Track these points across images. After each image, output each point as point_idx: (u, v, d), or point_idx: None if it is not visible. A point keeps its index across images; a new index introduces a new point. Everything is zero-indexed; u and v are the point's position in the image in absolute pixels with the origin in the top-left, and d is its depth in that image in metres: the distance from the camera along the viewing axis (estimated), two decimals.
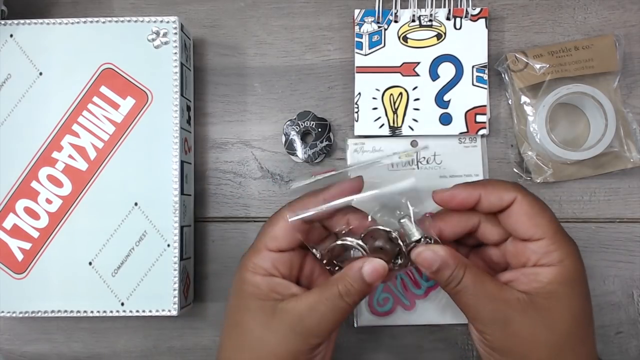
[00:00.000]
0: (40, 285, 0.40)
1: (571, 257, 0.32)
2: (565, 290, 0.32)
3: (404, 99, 0.43)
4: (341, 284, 0.32)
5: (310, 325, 0.31)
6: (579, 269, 0.32)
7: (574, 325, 0.32)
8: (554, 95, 0.41)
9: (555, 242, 0.32)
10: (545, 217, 0.32)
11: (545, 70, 0.41)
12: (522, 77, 0.42)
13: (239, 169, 0.44)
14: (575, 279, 0.32)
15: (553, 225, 0.32)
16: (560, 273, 0.32)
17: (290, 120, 0.43)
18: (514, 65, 0.42)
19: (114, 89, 0.40)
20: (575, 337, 0.32)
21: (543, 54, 0.42)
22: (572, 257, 0.32)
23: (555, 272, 0.32)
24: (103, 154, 0.40)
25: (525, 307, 0.31)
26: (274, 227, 0.34)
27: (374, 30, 0.43)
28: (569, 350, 0.32)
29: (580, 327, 0.32)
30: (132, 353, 0.44)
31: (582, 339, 0.32)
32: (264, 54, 0.45)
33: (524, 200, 0.32)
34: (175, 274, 0.39)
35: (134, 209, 0.40)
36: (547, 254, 0.32)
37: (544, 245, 0.32)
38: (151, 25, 0.41)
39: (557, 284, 0.31)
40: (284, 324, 0.32)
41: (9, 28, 0.41)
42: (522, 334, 0.31)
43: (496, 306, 0.31)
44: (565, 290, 0.32)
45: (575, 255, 0.32)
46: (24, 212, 0.40)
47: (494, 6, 0.44)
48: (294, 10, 0.45)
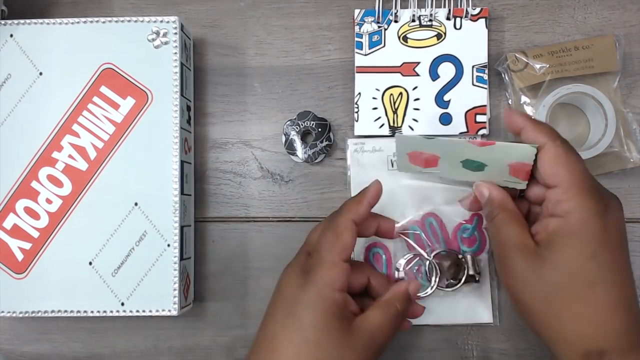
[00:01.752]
0: (40, 285, 0.40)
1: (582, 211, 0.31)
2: (563, 243, 0.32)
3: (404, 99, 0.43)
4: (398, 303, 0.35)
5: (380, 342, 0.34)
6: (589, 225, 0.31)
7: (567, 281, 0.31)
8: (554, 96, 0.41)
9: (568, 193, 0.32)
10: (568, 168, 0.32)
11: (545, 70, 0.41)
12: (522, 77, 0.42)
13: (239, 169, 0.44)
14: (578, 234, 0.31)
15: (573, 177, 0.32)
16: (560, 225, 0.32)
17: (290, 120, 0.43)
18: (514, 65, 0.42)
19: (114, 89, 0.40)
20: (569, 293, 0.31)
21: (543, 54, 0.42)
22: (583, 211, 0.31)
23: (557, 223, 0.32)
24: (103, 154, 0.40)
25: (527, 254, 0.33)
26: (342, 235, 0.34)
27: (374, 30, 0.43)
28: (559, 303, 0.32)
29: (574, 284, 0.31)
30: (132, 353, 0.44)
31: (579, 296, 0.31)
32: (264, 54, 0.45)
33: (551, 147, 0.33)
34: (175, 274, 0.39)
35: (134, 209, 0.40)
36: (557, 204, 0.32)
37: (557, 194, 0.32)
38: (151, 25, 0.41)
39: (555, 235, 0.32)
40: (360, 342, 0.33)
41: (9, 28, 0.41)
42: (517, 277, 0.33)
43: (504, 250, 0.34)
44: (562, 242, 0.32)
45: (590, 211, 0.31)
46: (24, 212, 0.40)
47: (494, 6, 0.44)
48: (294, 10, 0.45)
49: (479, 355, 0.42)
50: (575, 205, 0.32)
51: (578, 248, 0.31)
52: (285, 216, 0.44)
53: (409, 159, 0.39)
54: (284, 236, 0.44)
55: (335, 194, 0.44)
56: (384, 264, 0.42)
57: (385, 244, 0.42)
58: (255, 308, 0.43)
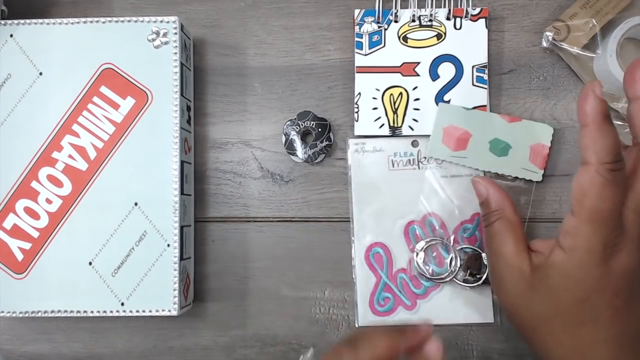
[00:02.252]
0: (40, 285, 0.40)
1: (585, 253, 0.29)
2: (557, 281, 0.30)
3: (404, 99, 0.43)
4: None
5: None
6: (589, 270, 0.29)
7: (555, 315, 0.31)
8: (621, 29, 0.40)
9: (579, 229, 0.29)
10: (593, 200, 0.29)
11: (590, 23, 0.40)
12: (573, 42, 0.41)
13: (239, 169, 0.44)
14: (576, 279, 0.30)
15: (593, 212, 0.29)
16: (561, 261, 0.30)
17: (290, 120, 0.43)
18: (558, 36, 0.41)
19: (114, 89, 0.40)
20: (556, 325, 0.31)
21: (577, 12, 0.41)
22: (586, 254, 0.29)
23: (558, 258, 0.30)
24: (103, 154, 0.40)
25: (521, 279, 0.32)
26: None
27: (374, 30, 0.43)
28: (546, 332, 0.31)
29: (563, 320, 0.31)
30: (132, 353, 0.44)
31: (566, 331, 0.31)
32: (264, 54, 0.45)
33: (590, 170, 0.29)
34: (175, 274, 0.39)
35: (134, 209, 0.40)
36: (567, 235, 0.30)
37: (570, 224, 0.30)
38: (151, 25, 0.41)
39: (551, 270, 0.31)
40: None
41: (9, 28, 0.41)
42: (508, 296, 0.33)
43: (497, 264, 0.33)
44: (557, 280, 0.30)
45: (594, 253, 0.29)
46: (24, 212, 0.40)
47: (494, 6, 0.44)
48: (294, 10, 0.45)
49: (479, 355, 0.42)
50: (581, 245, 0.30)
51: (572, 291, 0.30)
52: (285, 216, 0.44)
53: (444, 135, 0.40)
54: (284, 236, 0.44)
55: (335, 194, 0.44)
56: (384, 264, 0.42)
57: (386, 244, 0.42)
58: (255, 308, 0.43)
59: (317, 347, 0.41)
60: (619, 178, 0.29)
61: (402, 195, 0.42)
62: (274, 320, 0.43)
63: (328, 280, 0.43)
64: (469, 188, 0.42)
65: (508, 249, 0.33)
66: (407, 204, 0.42)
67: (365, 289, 0.42)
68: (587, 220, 0.29)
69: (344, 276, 0.43)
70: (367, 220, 0.42)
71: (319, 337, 0.43)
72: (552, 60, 0.43)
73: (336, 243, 0.43)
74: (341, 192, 0.44)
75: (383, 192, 0.42)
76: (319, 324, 0.43)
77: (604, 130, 0.29)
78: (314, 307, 0.43)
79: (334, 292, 0.43)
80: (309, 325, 0.43)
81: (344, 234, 0.43)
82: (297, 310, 0.43)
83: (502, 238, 0.33)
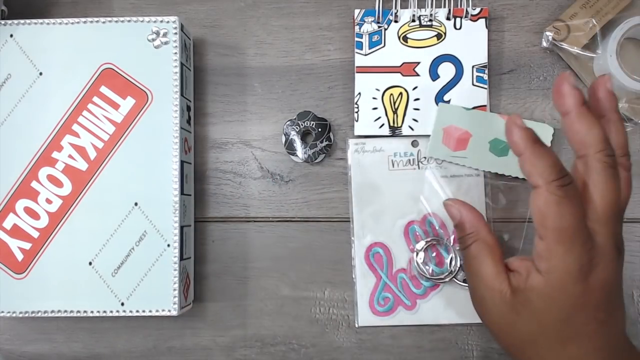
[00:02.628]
0: (40, 285, 0.40)
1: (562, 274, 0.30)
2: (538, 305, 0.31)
3: (404, 99, 0.43)
4: None
5: None
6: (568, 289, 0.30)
7: (539, 335, 0.31)
8: (621, 29, 0.40)
9: (551, 251, 0.30)
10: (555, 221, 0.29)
11: (590, 22, 0.41)
12: (573, 42, 0.41)
13: (239, 169, 0.44)
14: (555, 299, 0.30)
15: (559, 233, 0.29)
16: (539, 284, 0.30)
17: (290, 120, 0.43)
18: (558, 36, 0.41)
19: (114, 89, 0.40)
20: (541, 344, 0.31)
21: (577, 12, 0.41)
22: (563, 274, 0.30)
23: (536, 281, 0.31)
24: (103, 154, 0.40)
25: (502, 302, 0.32)
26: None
27: (374, 30, 0.43)
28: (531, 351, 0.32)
29: (546, 339, 0.31)
30: (132, 353, 0.44)
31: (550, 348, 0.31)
32: (264, 54, 0.45)
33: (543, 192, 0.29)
34: (175, 274, 0.39)
35: (134, 209, 0.40)
36: (540, 259, 0.30)
37: (541, 248, 0.30)
38: (151, 25, 0.41)
39: (531, 293, 0.31)
40: None
41: (9, 28, 0.41)
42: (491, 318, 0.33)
43: (477, 287, 0.33)
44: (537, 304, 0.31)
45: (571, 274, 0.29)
46: (24, 212, 0.40)
47: (494, 6, 0.44)
48: (294, 10, 0.45)
49: (479, 355, 0.42)
50: (557, 266, 0.30)
51: (554, 312, 0.31)
52: (285, 216, 0.44)
53: (444, 135, 0.41)
54: (284, 236, 0.44)
55: (335, 194, 0.44)
56: (384, 263, 0.42)
57: (386, 244, 0.42)
58: (255, 308, 0.43)
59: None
60: (571, 192, 0.29)
61: (402, 195, 0.42)
62: (274, 320, 0.43)
63: (328, 280, 0.43)
64: (469, 188, 0.42)
65: (487, 271, 0.33)
66: (407, 204, 0.42)
67: (365, 289, 0.42)
68: (555, 241, 0.29)
69: (344, 276, 0.43)
70: (367, 220, 0.42)
71: (319, 337, 0.43)
72: (552, 60, 0.44)
73: (336, 243, 0.43)
74: (341, 192, 0.44)
75: (383, 192, 0.42)
76: (319, 324, 0.43)
77: (538, 152, 0.30)
78: (314, 307, 0.43)
79: (334, 292, 0.43)
80: (309, 325, 0.43)
81: (344, 234, 0.43)
82: (297, 310, 0.43)
83: (480, 260, 0.33)
